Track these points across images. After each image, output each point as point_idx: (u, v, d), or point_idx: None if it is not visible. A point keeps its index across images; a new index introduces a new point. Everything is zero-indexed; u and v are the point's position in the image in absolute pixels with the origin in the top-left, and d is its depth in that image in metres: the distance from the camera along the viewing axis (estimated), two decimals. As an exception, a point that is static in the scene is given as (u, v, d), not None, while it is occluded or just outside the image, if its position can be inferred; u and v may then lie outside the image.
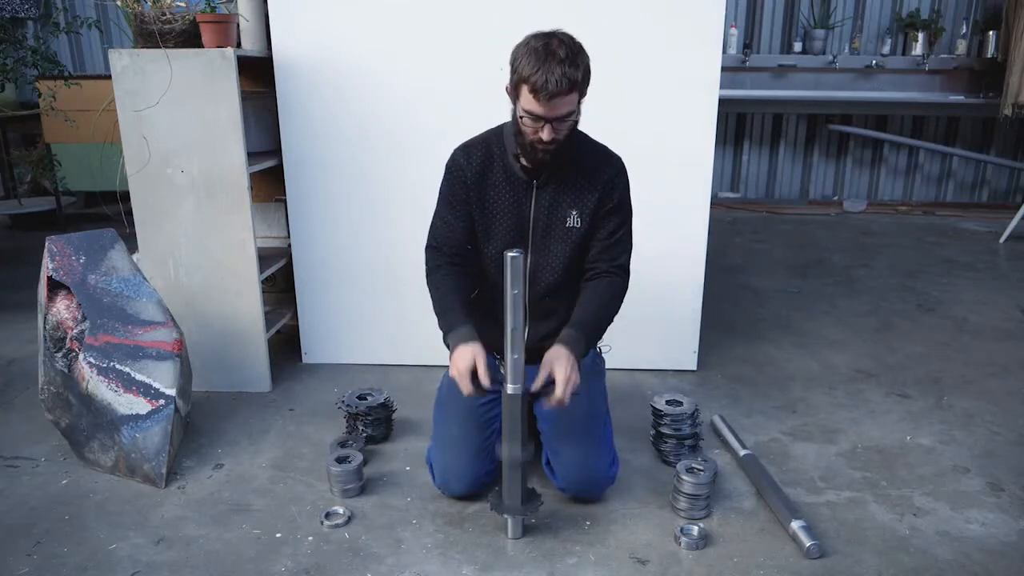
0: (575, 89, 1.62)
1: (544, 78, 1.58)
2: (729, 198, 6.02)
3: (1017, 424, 2.35)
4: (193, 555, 1.71)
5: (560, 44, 1.61)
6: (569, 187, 1.82)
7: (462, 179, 1.84)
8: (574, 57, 1.60)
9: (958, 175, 6.02)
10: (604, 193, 1.83)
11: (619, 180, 1.85)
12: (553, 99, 1.60)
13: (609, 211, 1.84)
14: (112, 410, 2.00)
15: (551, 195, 1.83)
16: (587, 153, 1.84)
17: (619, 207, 1.85)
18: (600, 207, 1.83)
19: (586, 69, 1.64)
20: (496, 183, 1.84)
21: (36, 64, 3.45)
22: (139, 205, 2.39)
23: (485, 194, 1.84)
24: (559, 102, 1.61)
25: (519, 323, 1.62)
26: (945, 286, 3.84)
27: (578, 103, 1.68)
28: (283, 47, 2.47)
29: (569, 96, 1.62)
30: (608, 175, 1.84)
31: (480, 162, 1.83)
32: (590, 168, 1.83)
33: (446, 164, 1.88)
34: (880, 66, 5.55)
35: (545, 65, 1.58)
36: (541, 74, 1.58)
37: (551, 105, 1.61)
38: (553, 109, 1.62)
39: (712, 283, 2.95)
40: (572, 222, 1.83)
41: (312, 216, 2.63)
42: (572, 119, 1.68)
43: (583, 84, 1.65)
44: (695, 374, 2.72)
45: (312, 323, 2.75)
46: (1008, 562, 1.69)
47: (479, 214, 1.85)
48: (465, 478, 1.87)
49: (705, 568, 1.67)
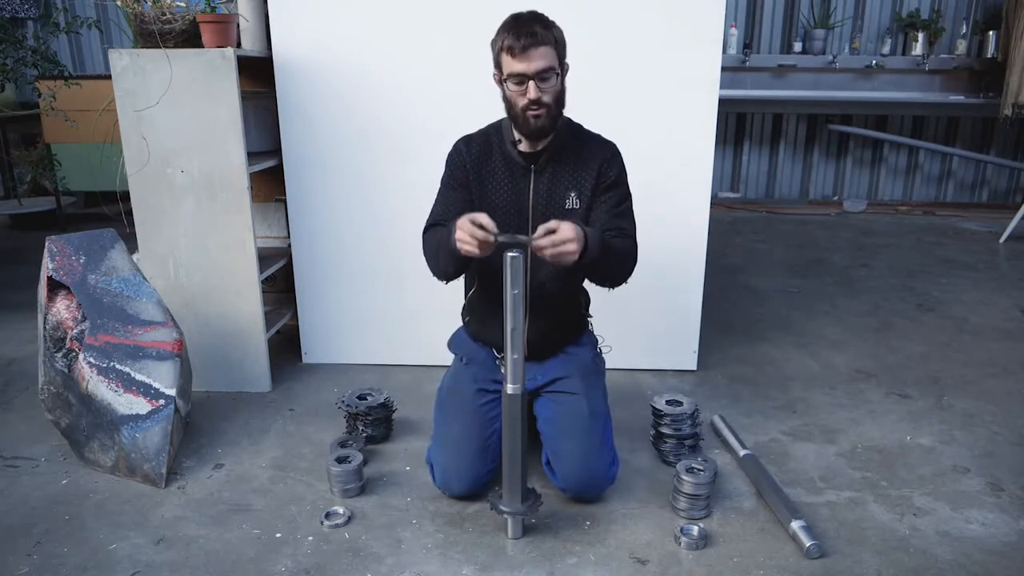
0: (547, 43, 1.71)
1: (515, 32, 1.70)
2: (729, 198, 6.02)
3: (1017, 424, 2.35)
4: (193, 555, 1.71)
5: (527, 13, 1.75)
6: (566, 170, 1.87)
7: (462, 164, 1.90)
8: (542, 19, 1.74)
9: (958, 175, 6.02)
10: (601, 172, 1.88)
11: (615, 160, 1.90)
12: (528, 50, 1.69)
13: (608, 187, 1.88)
14: (112, 410, 2.00)
15: (549, 179, 1.87)
16: (583, 139, 1.92)
17: (617, 183, 1.89)
18: (598, 185, 1.87)
19: (559, 32, 1.76)
20: (495, 169, 1.89)
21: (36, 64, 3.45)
22: (139, 205, 2.39)
23: (485, 180, 1.89)
24: (534, 53, 1.69)
25: (519, 323, 1.62)
26: (945, 286, 3.84)
27: (558, 64, 1.75)
28: (283, 47, 2.47)
29: (543, 48, 1.70)
30: (603, 156, 1.89)
31: (479, 150, 1.90)
32: (586, 151, 1.89)
33: (447, 154, 1.94)
34: (880, 66, 5.55)
35: (515, 25, 1.72)
36: (512, 32, 1.71)
37: (528, 57, 1.69)
38: (531, 61, 1.70)
39: (712, 283, 2.95)
40: (571, 203, 1.87)
41: (312, 216, 2.63)
42: (554, 76, 1.74)
43: (557, 43, 1.74)
44: (695, 374, 2.72)
45: (312, 323, 2.75)
46: (1008, 562, 1.69)
47: (479, 199, 1.89)
48: (465, 478, 1.87)
49: (705, 568, 1.67)
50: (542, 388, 1.95)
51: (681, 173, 2.53)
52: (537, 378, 1.94)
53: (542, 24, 1.72)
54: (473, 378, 1.96)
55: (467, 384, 1.96)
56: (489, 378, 1.96)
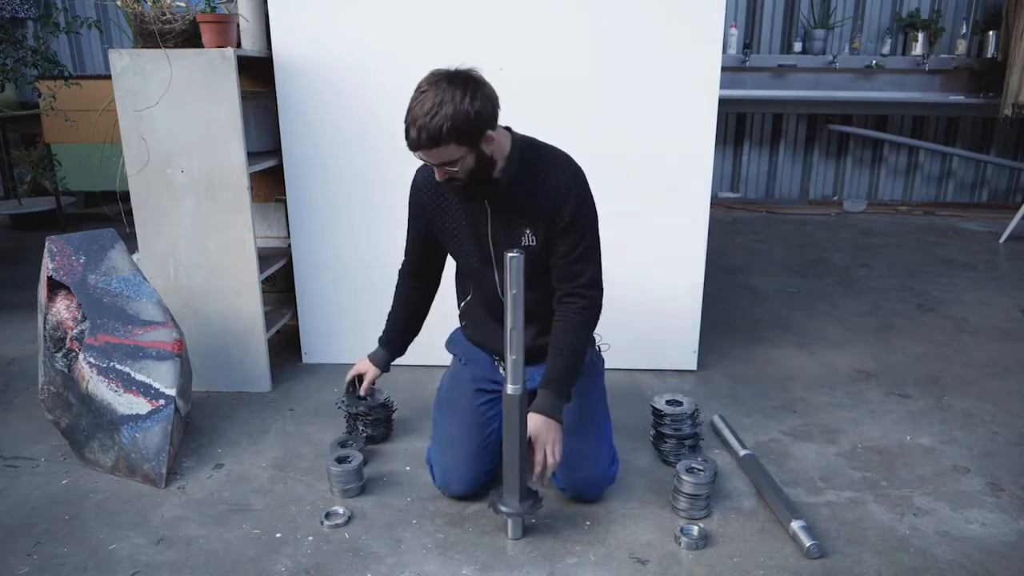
0: (439, 143, 1.56)
1: (406, 130, 1.58)
2: (729, 198, 6.02)
3: (1017, 424, 2.35)
4: (193, 555, 1.71)
5: (434, 91, 1.55)
6: (521, 206, 1.76)
7: (419, 202, 1.90)
8: (439, 108, 1.53)
9: (958, 175, 6.01)
10: (553, 211, 1.74)
11: (570, 195, 1.73)
12: (419, 150, 1.60)
13: (563, 230, 1.75)
14: (112, 410, 2.00)
15: (505, 215, 1.78)
16: (536, 172, 1.75)
17: (572, 224, 1.75)
18: (552, 225, 1.75)
19: (459, 120, 1.54)
20: (451, 206, 1.85)
21: (36, 64, 3.45)
22: (139, 205, 2.39)
23: (444, 216, 1.87)
24: (426, 154, 1.60)
25: (519, 323, 1.61)
26: (945, 286, 3.84)
27: (466, 148, 1.59)
28: (283, 47, 2.47)
29: (435, 149, 1.57)
30: (554, 197, 1.73)
31: (435, 185, 1.81)
32: (537, 189, 1.75)
33: (410, 188, 1.92)
34: (880, 66, 5.55)
35: (408, 117, 1.58)
36: (406, 126, 1.58)
37: (422, 155, 1.62)
38: (429, 157, 1.62)
39: (712, 283, 2.95)
40: (528, 240, 1.78)
41: (312, 216, 2.63)
42: (459, 162, 1.61)
43: (452, 136, 1.55)
44: (695, 374, 2.72)
45: (312, 323, 2.75)
46: (1008, 562, 1.69)
47: (440, 234, 1.90)
48: (465, 478, 1.87)
49: (705, 568, 1.67)
50: None
51: (681, 173, 2.53)
52: (536, 378, 1.93)
53: (434, 116, 1.53)
54: (472, 378, 1.96)
55: (466, 384, 1.96)
56: (488, 378, 1.96)
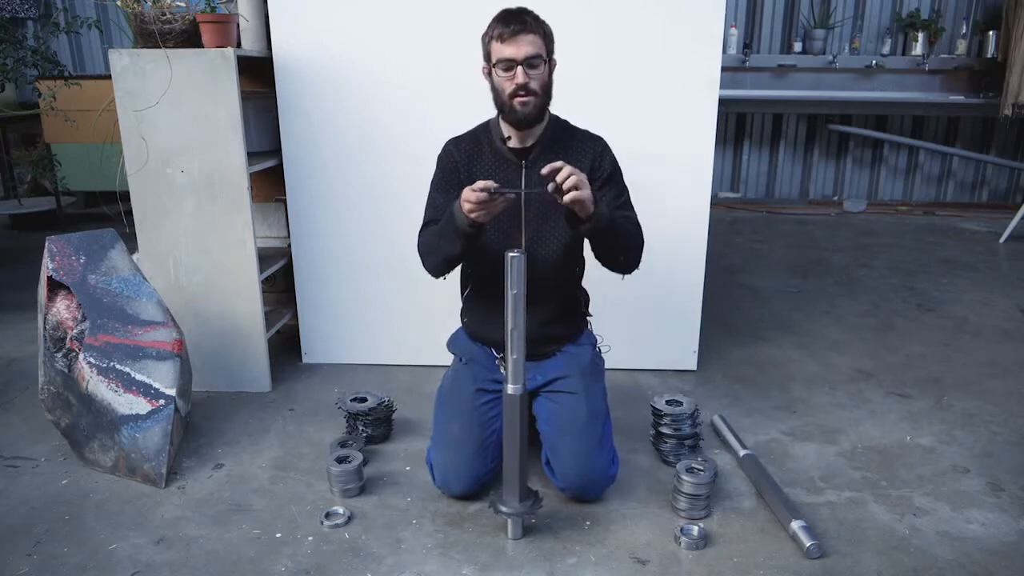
0: (536, 31, 1.75)
1: (505, 19, 1.76)
2: (729, 198, 6.02)
3: (1017, 424, 2.35)
4: (193, 555, 1.71)
5: (517, 7, 1.80)
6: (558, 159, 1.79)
7: (453, 166, 1.91)
8: (532, 11, 1.79)
9: (958, 175, 6.01)
10: (594, 164, 1.89)
11: (607, 154, 1.92)
12: (517, 35, 1.73)
13: (604, 181, 1.89)
14: (112, 410, 2.00)
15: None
16: (572, 134, 1.93)
17: (612, 177, 1.91)
18: (592, 180, 1.83)
19: (547, 27, 1.80)
20: (486, 166, 1.90)
21: (36, 64, 3.45)
22: (139, 205, 2.39)
23: (476, 178, 1.83)
24: (523, 39, 1.74)
25: (519, 323, 1.62)
26: (945, 286, 3.84)
27: (546, 54, 1.78)
28: (283, 47, 2.47)
29: (531, 35, 1.74)
30: (595, 150, 1.91)
31: (469, 149, 1.92)
32: (576, 145, 1.91)
33: (438, 156, 1.95)
34: (880, 66, 5.54)
35: (505, 15, 1.77)
36: (502, 21, 1.76)
37: (516, 42, 1.73)
38: (519, 47, 1.73)
39: (712, 283, 2.94)
40: None
41: (312, 216, 2.63)
42: (542, 64, 1.77)
43: (546, 35, 1.78)
44: (695, 374, 2.72)
45: (312, 323, 2.75)
46: (1008, 562, 1.69)
47: None
48: (465, 478, 1.87)
49: (705, 568, 1.67)
50: (541, 388, 1.95)
51: (681, 173, 2.53)
52: (536, 378, 1.94)
53: (531, 15, 1.77)
54: (473, 378, 1.96)
55: (466, 384, 1.96)
56: (488, 378, 1.96)
